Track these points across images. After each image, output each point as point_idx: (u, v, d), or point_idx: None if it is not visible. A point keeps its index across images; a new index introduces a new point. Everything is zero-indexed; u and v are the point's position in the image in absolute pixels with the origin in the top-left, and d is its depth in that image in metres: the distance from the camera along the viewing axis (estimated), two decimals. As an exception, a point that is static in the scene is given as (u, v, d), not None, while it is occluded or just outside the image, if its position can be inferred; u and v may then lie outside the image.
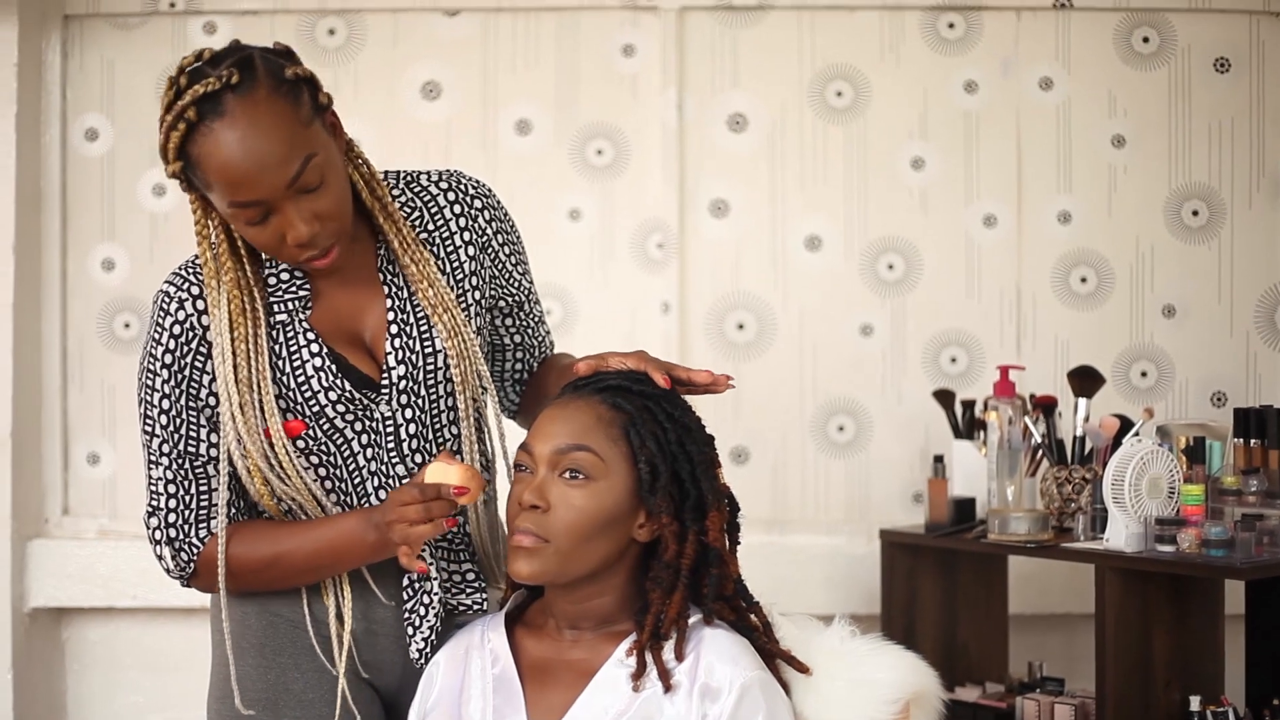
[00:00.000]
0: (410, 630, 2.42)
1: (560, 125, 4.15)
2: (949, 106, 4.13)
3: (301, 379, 2.34)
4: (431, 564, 2.43)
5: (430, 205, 2.47)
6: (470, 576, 2.48)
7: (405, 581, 2.43)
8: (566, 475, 2.22)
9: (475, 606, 2.48)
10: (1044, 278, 4.12)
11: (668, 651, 2.23)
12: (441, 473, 2.25)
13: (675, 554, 2.25)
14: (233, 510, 2.39)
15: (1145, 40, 4.11)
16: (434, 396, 2.41)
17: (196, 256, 2.37)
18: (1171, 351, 4.11)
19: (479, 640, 2.34)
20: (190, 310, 2.34)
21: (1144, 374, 4.10)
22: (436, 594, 2.41)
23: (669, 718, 2.20)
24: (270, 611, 2.45)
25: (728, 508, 2.33)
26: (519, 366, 2.63)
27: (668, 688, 2.20)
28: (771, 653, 2.32)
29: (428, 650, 2.41)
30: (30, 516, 4.11)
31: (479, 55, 4.15)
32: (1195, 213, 4.10)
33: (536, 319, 2.62)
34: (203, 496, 2.37)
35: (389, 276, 2.41)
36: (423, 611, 2.42)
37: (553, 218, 4.13)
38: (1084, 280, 4.11)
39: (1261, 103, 4.10)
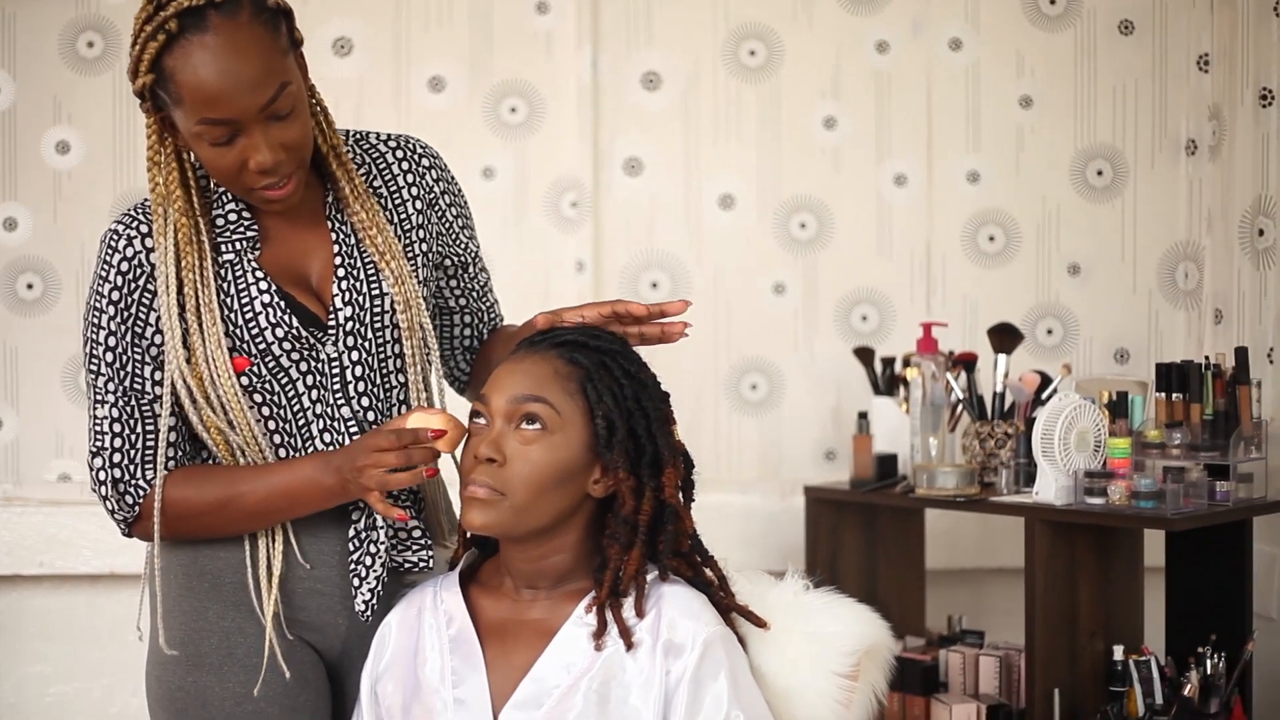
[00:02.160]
0: (356, 581, 2.39)
1: (474, 83, 4.12)
2: (860, 66, 4.16)
3: (249, 315, 2.33)
4: (408, 505, 2.43)
5: (379, 162, 2.48)
6: (416, 534, 2.45)
7: (351, 533, 2.40)
8: (522, 426, 2.21)
9: (421, 565, 2.45)
10: (953, 236, 4.16)
11: (628, 609, 2.23)
12: (423, 420, 2.25)
13: (633, 510, 2.24)
14: (179, 452, 2.37)
15: (1052, 2, 4.16)
16: (380, 341, 2.41)
17: (146, 200, 2.35)
18: (1076, 309, 4.18)
19: (431, 601, 2.32)
20: (139, 248, 2.32)
21: (1050, 331, 4.17)
22: (383, 543, 2.39)
23: (632, 674, 2.20)
24: (203, 565, 2.41)
25: (683, 465, 2.33)
26: (467, 333, 2.63)
27: (629, 645, 2.20)
28: (729, 607, 2.33)
29: (374, 603, 2.38)
30: (-69, 483, 4.03)
31: (391, 11, 4.11)
32: (1100, 172, 4.17)
33: (482, 284, 2.62)
34: (149, 436, 2.35)
35: (336, 224, 2.41)
36: (369, 562, 2.39)
37: (466, 176, 4.06)
38: (992, 239, 4.17)
39: (1164, 65, 4.16)
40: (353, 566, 2.40)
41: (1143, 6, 4.15)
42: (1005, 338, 3.55)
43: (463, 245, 2.56)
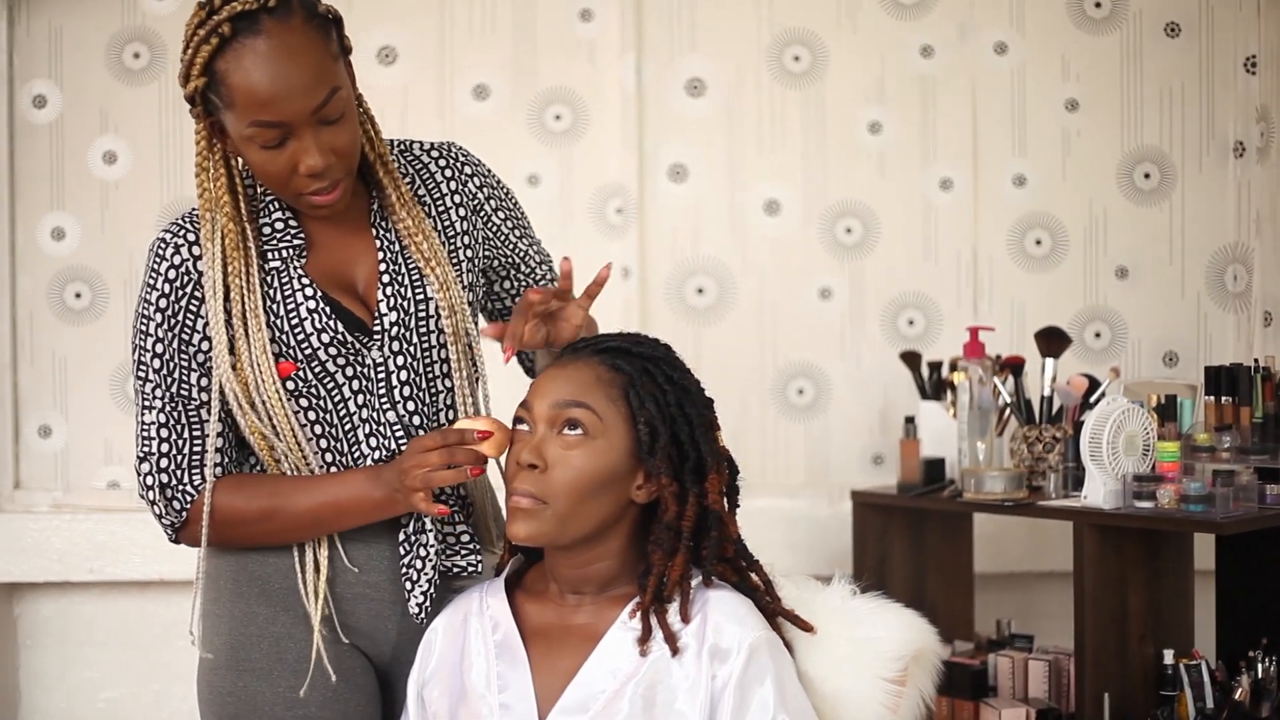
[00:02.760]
0: (408, 585, 2.40)
1: (518, 90, 4.13)
2: (906, 71, 4.15)
3: (295, 321, 2.34)
4: (455, 507, 2.44)
5: (423, 171, 2.50)
6: (465, 539, 2.46)
7: (400, 537, 2.41)
8: (565, 431, 2.21)
9: (470, 569, 2.46)
10: (1000, 240, 4.15)
11: (673, 614, 2.22)
12: (469, 424, 2.27)
13: (675, 515, 2.24)
14: (225, 458, 2.38)
15: (1098, 5, 4.14)
16: (426, 346, 2.42)
17: (194, 209, 2.37)
18: (1124, 312, 4.15)
19: (477, 607, 2.33)
20: (186, 255, 2.34)
21: (1098, 335, 4.14)
22: (432, 546, 2.40)
23: (678, 679, 2.20)
24: (251, 569, 2.42)
25: (727, 470, 2.33)
26: None
27: (675, 651, 2.20)
28: (775, 612, 2.32)
29: (428, 605, 2.39)
30: (-19, 491, 4.06)
31: (435, 20, 4.12)
32: (1147, 175, 4.15)
33: (540, 279, 2.64)
34: (196, 442, 2.36)
35: (381, 230, 2.43)
36: (419, 565, 2.40)
37: (511, 184, 4.03)
38: (1039, 243, 4.15)
39: (1211, 67, 4.14)
40: (404, 570, 2.41)
41: (1189, 8, 4.13)
42: (1053, 341, 3.53)
43: (511, 246, 2.57)
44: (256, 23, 2.20)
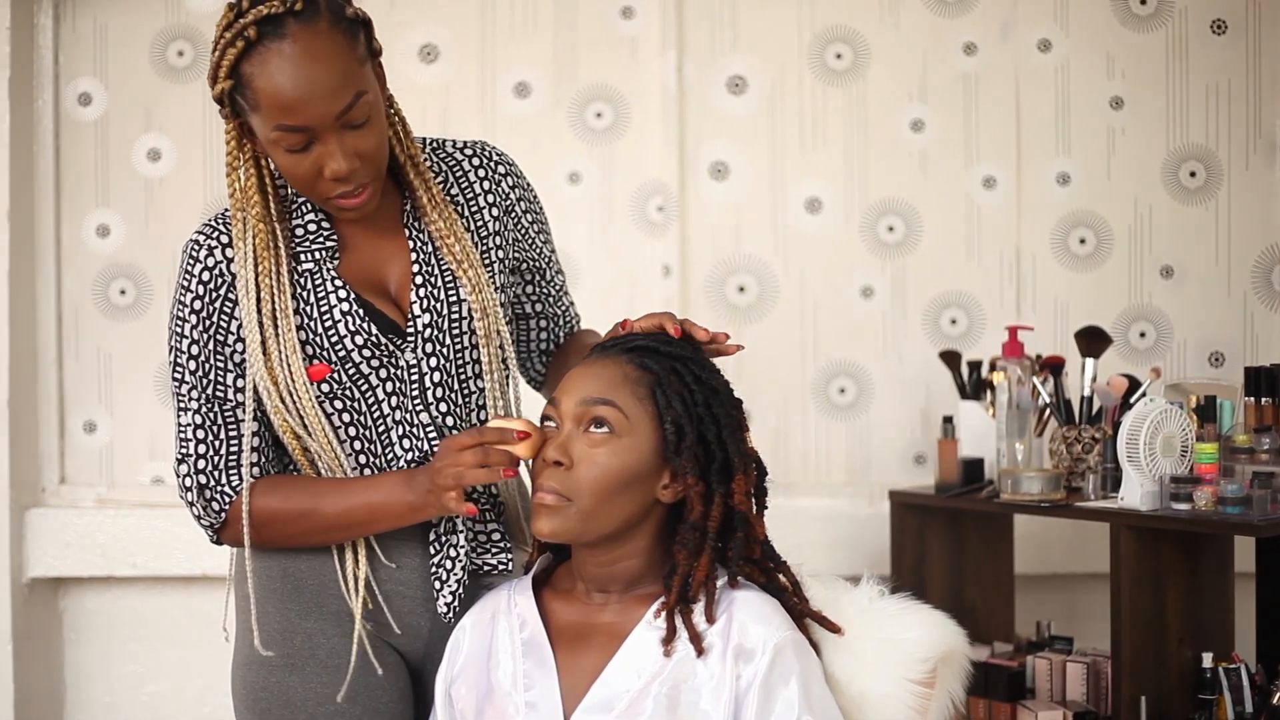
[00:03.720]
0: (437, 584, 2.41)
1: (559, 88, 4.13)
2: (948, 69, 4.13)
3: (329, 323, 2.35)
4: (485, 505, 2.45)
5: (455, 170, 2.50)
6: (495, 537, 2.46)
7: (431, 536, 2.42)
8: (591, 429, 2.21)
9: (500, 567, 2.46)
10: (1043, 239, 4.12)
11: (698, 614, 2.22)
12: (503, 424, 2.26)
13: (701, 515, 2.23)
14: (263, 459, 2.39)
15: (1143, 2, 4.11)
16: (459, 348, 2.42)
17: (226, 210, 2.38)
18: (1170, 312, 4.12)
19: (505, 605, 2.33)
20: (220, 258, 2.35)
21: (1143, 334, 4.11)
22: (463, 546, 2.40)
23: (702, 679, 2.19)
24: (286, 567, 2.44)
25: (756, 472, 2.32)
26: (543, 337, 2.65)
27: (700, 651, 2.19)
28: (802, 613, 2.32)
29: (456, 605, 2.40)
30: (27, 486, 4.09)
31: (477, 17, 4.13)
32: (1193, 174, 4.11)
33: (558, 288, 2.65)
34: (233, 442, 2.37)
35: (414, 231, 2.43)
36: (449, 565, 2.41)
37: (552, 181, 4.11)
38: (1083, 241, 4.12)
39: (1258, 64, 4.10)
40: (434, 569, 2.42)
41: (1236, 5, 4.09)
42: (1093, 341, 3.50)
43: (538, 251, 2.58)
44: (282, 26, 2.20)
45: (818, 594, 2.39)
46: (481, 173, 2.50)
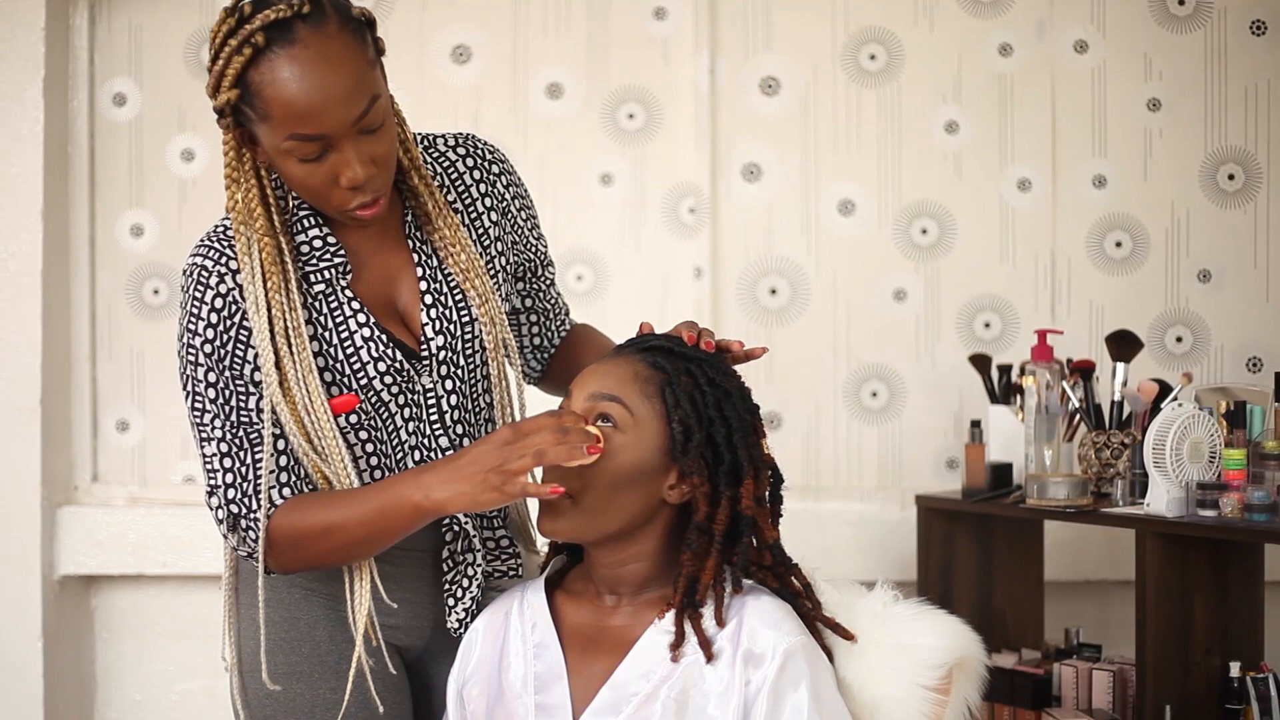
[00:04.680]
0: (451, 601, 2.38)
1: (591, 89, 4.13)
2: (983, 70, 4.10)
3: (350, 350, 2.27)
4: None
5: (450, 171, 2.41)
6: (505, 543, 2.44)
7: (446, 554, 2.39)
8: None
9: (510, 573, 2.44)
10: (1079, 242, 4.09)
11: (708, 619, 2.20)
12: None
13: (706, 517, 2.21)
14: (292, 477, 2.28)
15: (1181, 2, 4.07)
16: (471, 366, 2.37)
17: (218, 226, 2.29)
18: (1207, 316, 4.07)
19: (518, 607, 2.32)
20: (231, 284, 2.24)
21: (1179, 339, 4.07)
22: (479, 565, 2.38)
23: (711, 684, 2.18)
24: (293, 576, 2.38)
25: (770, 478, 2.29)
26: (535, 331, 2.58)
27: (709, 657, 2.18)
28: (815, 618, 2.29)
29: (467, 620, 2.37)
30: (60, 484, 4.11)
31: (509, 18, 4.13)
32: (1231, 176, 4.07)
33: (548, 282, 2.57)
34: (259, 467, 2.26)
35: (417, 243, 2.35)
36: (465, 583, 2.38)
37: (584, 183, 4.11)
38: (1119, 245, 4.08)
39: (1298, 66, 4.07)
40: (447, 587, 2.39)
41: (1275, 5, 4.04)
42: (1124, 345, 3.47)
43: (533, 249, 2.51)
44: (291, 31, 2.11)
45: (831, 599, 2.37)
46: (476, 174, 2.41)
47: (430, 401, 2.34)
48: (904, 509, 4.00)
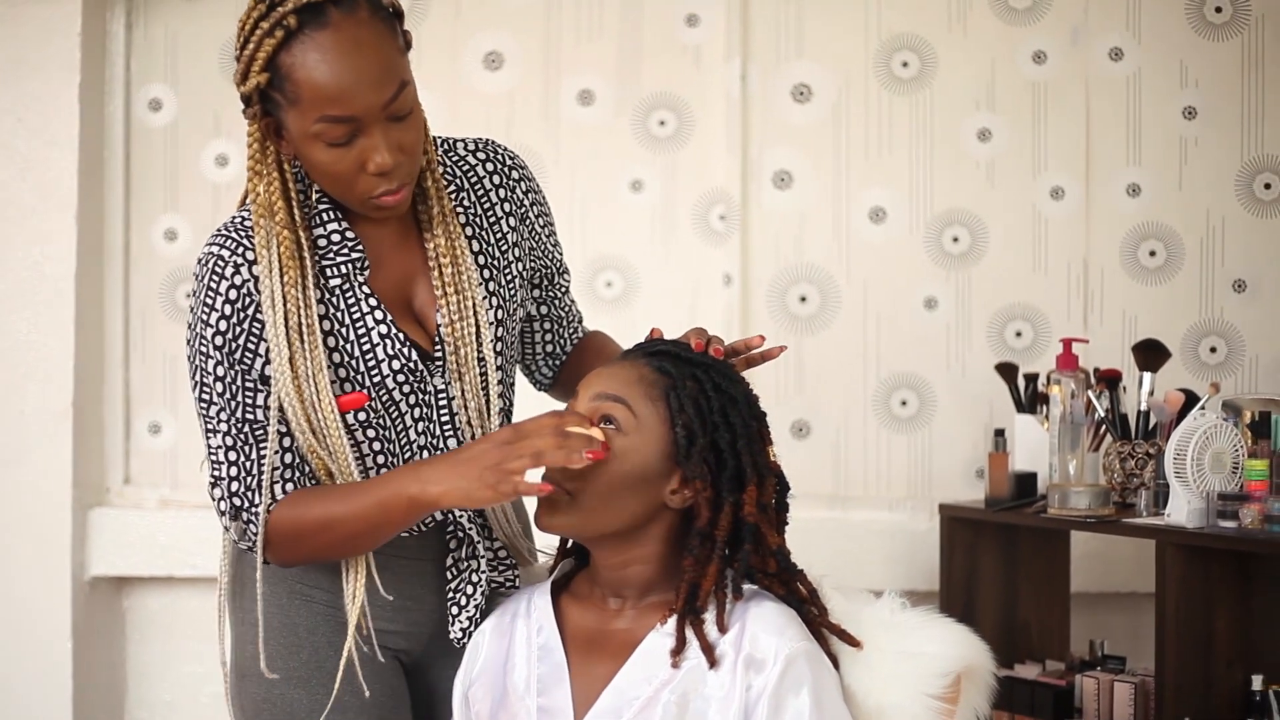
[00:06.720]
0: (455, 610, 2.38)
1: (623, 96, 4.13)
2: (1016, 77, 4.08)
3: (366, 346, 2.27)
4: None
5: (470, 175, 2.40)
6: (503, 554, 2.43)
7: (449, 561, 2.38)
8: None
9: (508, 584, 2.43)
10: (1112, 251, 4.06)
11: (711, 625, 2.19)
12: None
13: (709, 522, 2.21)
14: (296, 474, 2.29)
15: (1218, 10, 4.04)
16: (482, 370, 2.35)
17: (236, 217, 2.28)
18: (1242, 326, 4.04)
19: (524, 609, 2.32)
20: (247, 275, 2.23)
21: (1213, 349, 4.04)
22: (484, 572, 2.37)
23: (712, 688, 2.17)
24: (293, 580, 2.38)
25: (776, 486, 2.28)
26: (549, 339, 2.57)
27: (712, 662, 2.17)
28: (820, 625, 2.28)
29: (470, 629, 2.37)
30: (92, 486, 4.15)
31: (541, 25, 4.13)
32: (1268, 185, 4.04)
33: (563, 290, 2.56)
34: (263, 462, 2.26)
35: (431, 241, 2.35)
36: (469, 591, 2.38)
37: (614, 189, 4.11)
38: (1153, 254, 4.05)
39: (1336, 74, 4.03)
40: (451, 595, 2.39)
41: (1314, 14, 4.01)
42: (1150, 355, 3.44)
43: (550, 256, 2.50)
44: (323, 14, 2.12)
45: (839, 606, 2.35)
46: (496, 180, 2.40)
47: (441, 403, 2.33)
48: (932, 519, 3.97)
